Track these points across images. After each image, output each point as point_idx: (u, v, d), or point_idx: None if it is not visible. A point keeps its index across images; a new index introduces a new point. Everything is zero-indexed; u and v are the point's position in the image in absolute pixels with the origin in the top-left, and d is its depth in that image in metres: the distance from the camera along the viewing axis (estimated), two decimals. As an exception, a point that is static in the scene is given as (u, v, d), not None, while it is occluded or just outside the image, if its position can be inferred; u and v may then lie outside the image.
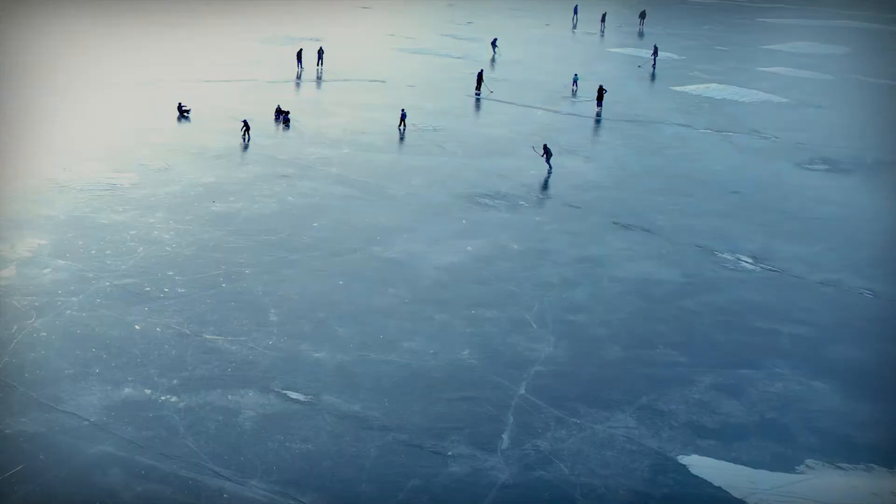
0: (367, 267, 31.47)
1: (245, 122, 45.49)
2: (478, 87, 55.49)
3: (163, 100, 52.60)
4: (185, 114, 49.82)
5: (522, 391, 23.45)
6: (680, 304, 29.08)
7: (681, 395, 23.41)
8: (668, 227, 35.83)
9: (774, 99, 56.22)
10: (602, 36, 75.51)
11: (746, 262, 32.67)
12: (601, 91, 52.21)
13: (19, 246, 32.62)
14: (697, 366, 25.03)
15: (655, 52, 63.94)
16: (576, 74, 57.75)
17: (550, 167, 41.18)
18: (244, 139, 45.14)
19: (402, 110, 48.49)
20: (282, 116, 49.16)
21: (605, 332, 26.88)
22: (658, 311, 28.51)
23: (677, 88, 57.91)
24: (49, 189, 38.16)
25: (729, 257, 33.02)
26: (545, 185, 40.39)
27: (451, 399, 22.96)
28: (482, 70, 56.49)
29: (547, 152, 40.97)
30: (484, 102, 54.41)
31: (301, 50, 60.49)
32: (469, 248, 33.26)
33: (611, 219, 36.53)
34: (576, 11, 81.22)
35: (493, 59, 65.53)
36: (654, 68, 63.06)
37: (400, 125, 48.23)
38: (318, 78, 59.44)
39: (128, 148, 44.00)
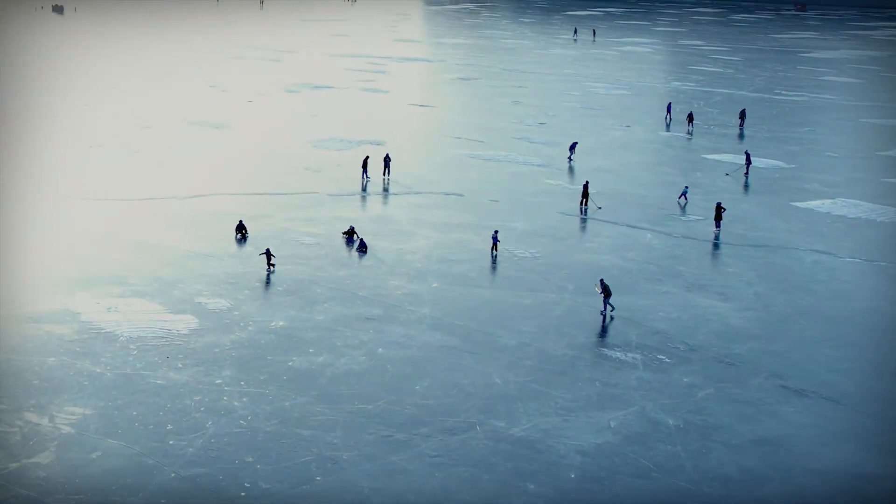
0: (494, 452, 26.20)
1: (268, 252, 40.76)
2: (583, 202, 50.60)
3: (216, 216, 48.00)
4: (245, 235, 45.07)
5: None
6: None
7: None
8: (854, 393, 30.33)
9: (913, 216, 51.03)
10: (690, 137, 70.80)
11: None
12: (719, 209, 47.13)
13: (59, 417, 27.73)
14: None
15: (748, 160, 59.04)
16: (686, 187, 52.85)
17: (612, 308, 35.86)
18: (269, 269, 40.31)
19: (495, 233, 43.62)
20: (357, 240, 44.27)
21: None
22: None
23: (800, 205, 52.78)
24: (91, 335, 33.32)
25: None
26: (683, 333, 34.98)
27: None
28: (587, 182, 51.63)
29: (605, 290, 35.66)
30: (584, 222, 49.38)
31: (367, 158, 55.94)
32: (612, 422, 27.96)
33: (777, 381, 31.07)
34: (669, 110, 76.72)
35: (570, 167, 60.77)
36: (746, 177, 58.08)
37: (492, 250, 43.20)
38: (386, 190, 54.83)
39: (181, 279, 39.20)
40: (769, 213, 51.34)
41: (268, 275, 40.36)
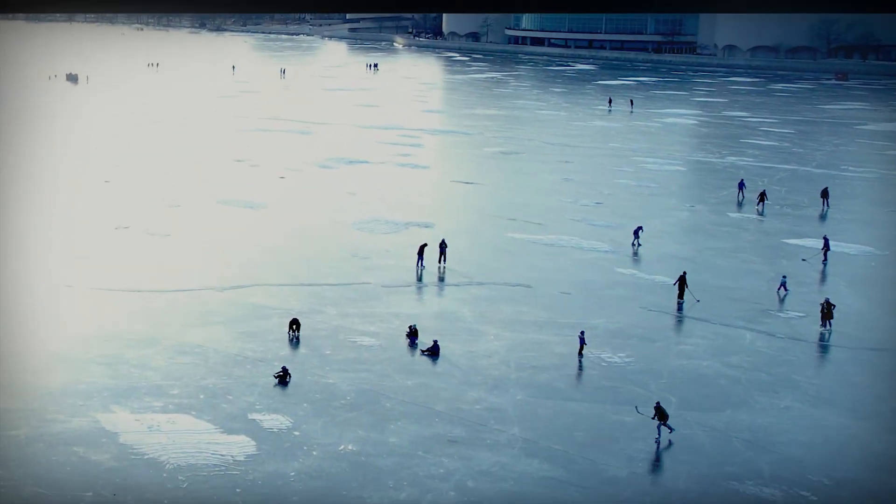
0: None
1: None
2: (680, 295, 46.64)
3: (261, 311, 44.29)
4: (297, 333, 41.25)
5: None
6: None
7: None
8: None
9: None
10: (763, 218, 66.95)
11: None
12: (829, 307, 43.04)
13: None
14: None
15: (826, 245, 55.11)
16: (784, 277, 48.92)
17: (671, 430, 31.62)
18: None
19: (581, 334, 39.59)
20: (432, 343, 40.31)
21: None
22: None
23: (907, 299, 48.65)
24: (132, 462, 29.40)
25: None
26: (822, 462, 30.77)
27: None
28: (685, 273, 47.71)
29: (661, 414, 31.46)
30: (672, 319, 45.45)
31: (424, 245, 52.22)
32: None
33: (951, 526, 26.66)
34: (741, 187, 73.03)
35: (635, 252, 56.92)
36: (824, 264, 54.11)
37: (579, 354, 39.17)
38: (443, 279, 50.99)
39: (229, 388, 35.49)
40: (879, 310, 47.30)
41: (281, 378, 36.47)
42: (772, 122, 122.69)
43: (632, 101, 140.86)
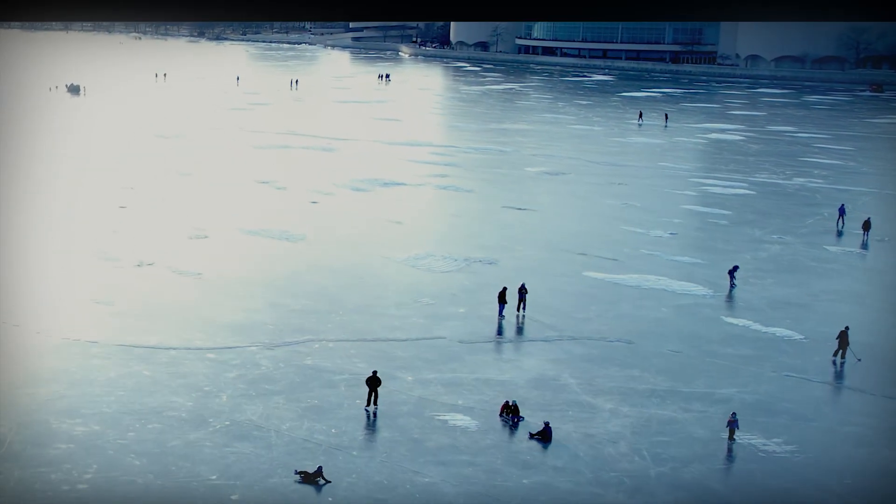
0: None
1: (319, 470, 29.98)
2: (840, 353, 39.47)
3: (321, 376, 37.54)
4: (375, 407, 34.18)
5: None
6: None
7: None
8: None
9: None
10: (865, 251, 59.88)
11: None
12: None
13: None
14: None
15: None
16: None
17: None
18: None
19: (733, 416, 32.52)
20: (543, 429, 33.19)
21: None
22: None
23: None
24: None
25: None
26: None
27: None
28: (847, 328, 40.55)
29: None
30: (821, 388, 38.23)
31: (505, 290, 45.11)
32: None
33: None
34: (842, 213, 65.99)
35: (731, 295, 49.88)
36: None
37: (729, 438, 31.98)
38: (525, 331, 43.85)
39: (307, 496, 27.97)
40: None
41: (307, 478, 29.25)
42: (823, 137, 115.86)
43: (666, 116, 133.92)
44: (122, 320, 44.07)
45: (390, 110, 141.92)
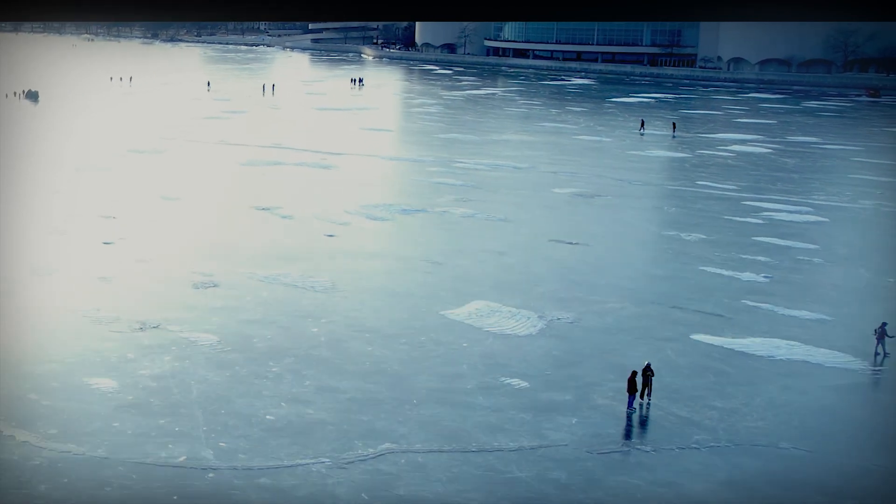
0: None
1: None
2: None
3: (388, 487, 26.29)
4: None
5: None
6: None
7: None
8: None
9: None
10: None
11: None
12: None
13: None
14: None
15: None
16: None
17: None
18: None
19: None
20: None
21: None
22: None
23: None
24: None
25: None
26: None
27: None
28: None
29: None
30: None
31: (635, 374, 34.52)
32: None
33: None
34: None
35: (883, 363, 40.01)
36: None
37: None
38: (656, 423, 33.25)
39: None
40: None
41: None
42: (854, 149, 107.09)
43: (674, 125, 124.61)
44: (131, 422, 32.81)
45: (375, 119, 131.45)
